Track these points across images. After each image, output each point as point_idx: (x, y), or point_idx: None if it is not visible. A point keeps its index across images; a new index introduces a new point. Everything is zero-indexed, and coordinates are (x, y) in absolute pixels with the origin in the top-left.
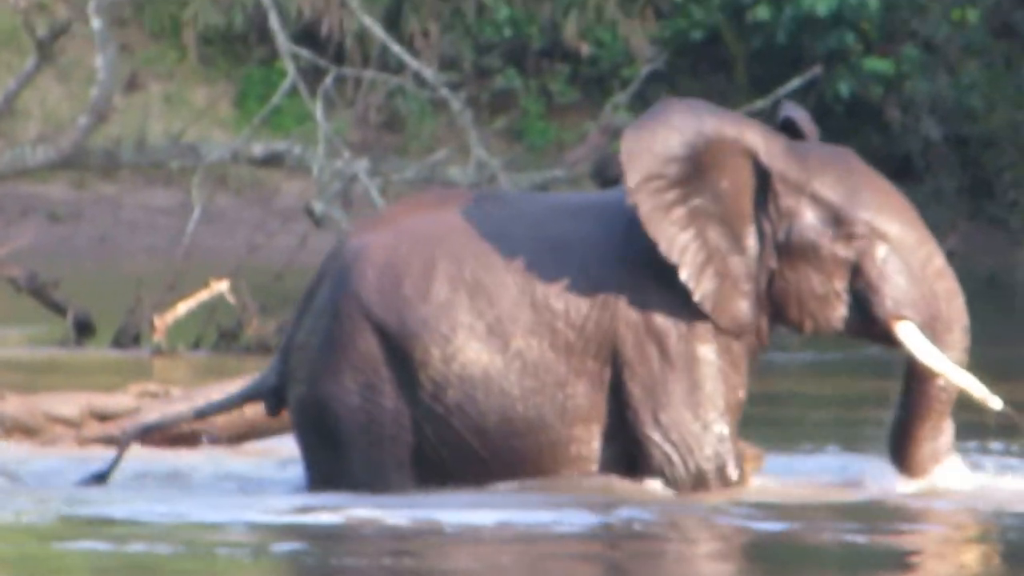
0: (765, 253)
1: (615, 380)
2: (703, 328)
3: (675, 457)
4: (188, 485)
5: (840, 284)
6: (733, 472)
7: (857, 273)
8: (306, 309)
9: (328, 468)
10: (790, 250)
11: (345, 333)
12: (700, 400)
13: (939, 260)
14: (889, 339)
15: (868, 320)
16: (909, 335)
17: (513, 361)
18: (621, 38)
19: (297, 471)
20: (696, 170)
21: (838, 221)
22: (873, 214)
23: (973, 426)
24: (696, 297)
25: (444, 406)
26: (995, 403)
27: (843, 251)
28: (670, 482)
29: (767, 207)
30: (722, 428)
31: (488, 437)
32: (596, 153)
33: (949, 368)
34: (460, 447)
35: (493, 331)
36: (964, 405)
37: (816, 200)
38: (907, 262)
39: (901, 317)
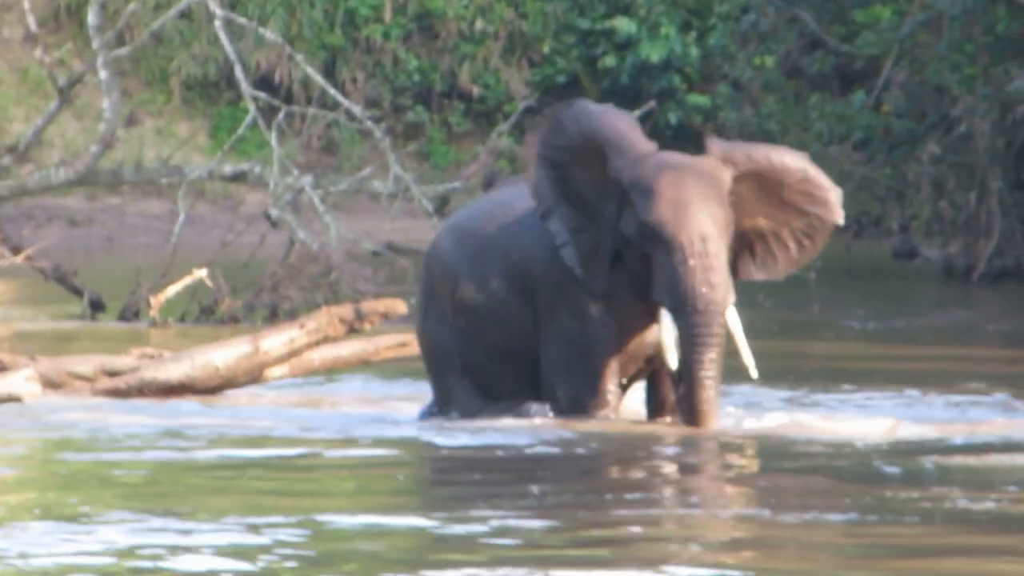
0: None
1: None
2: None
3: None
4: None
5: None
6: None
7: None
8: None
9: (434, 387)
10: (627, 236)
11: (424, 280)
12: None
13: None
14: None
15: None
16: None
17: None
18: (503, 82)
19: None
20: (570, 158)
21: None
22: (669, 217)
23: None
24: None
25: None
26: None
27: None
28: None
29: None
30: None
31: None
32: (486, 169)
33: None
34: (477, 362)
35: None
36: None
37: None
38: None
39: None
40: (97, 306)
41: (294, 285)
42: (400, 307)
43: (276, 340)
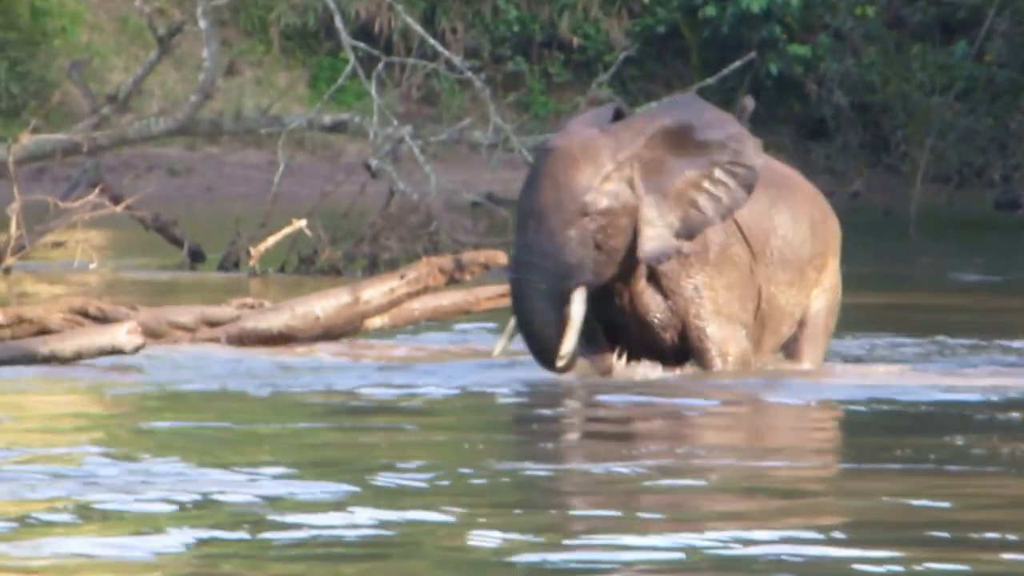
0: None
1: None
2: None
3: None
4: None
5: None
6: None
7: None
8: None
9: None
10: None
11: None
12: None
13: None
14: None
15: None
16: None
17: None
18: (603, 32)
19: None
20: None
21: None
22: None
23: None
24: None
25: None
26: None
27: None
28: None
29: None
30: None
31: None
32: None
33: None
34: None
35: None
36: None
37: None
38: None
39: None
40: (197, 256)
41: (394, 235)
42: (500, 257)
43: (376, 290)
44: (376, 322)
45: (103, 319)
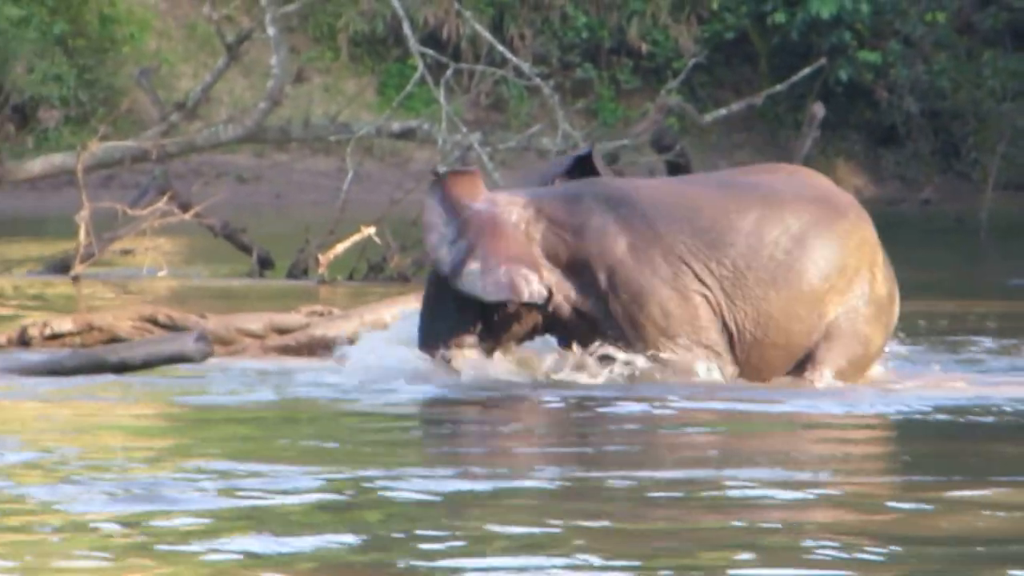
0: None
1: None
2: None
3: None
4: None
5: None
6: None
7: None
8: None
9: None
10: None
11: None
12: None
13: None
14: None
15: None
16: None
17: None
18: (672, 38)
19: None
20: None
21: None
22: None
23: None
24: None
25: None
26: None
27: None
28: None
29: None
30: None
31: None
32: (655, 126)
33: None
34: None
35: None
36: None
37: None
38: None
39: None
40: (266, 263)
41: None
42: None
43: None
44: None
45: (172, 327)
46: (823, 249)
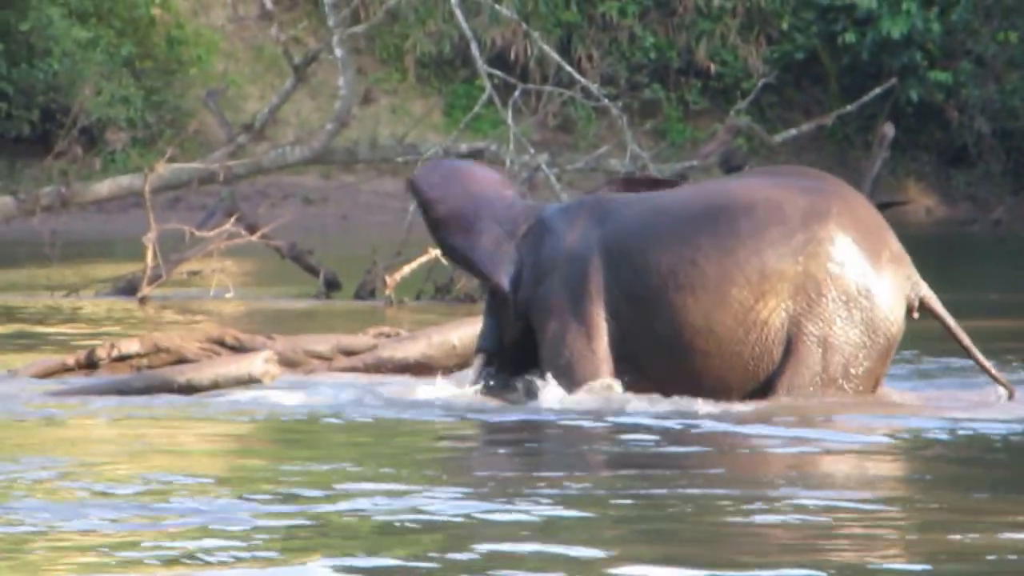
0: None
1: None
2: None
3: None
4: None
5: None
6: None
7: None
8: None
9: None
10: None
11: None
12: None
13: None
14: None
15: None
16: None
17: None
18: (741, 59)
19: None
20: None
21: None
22: None
23: None
24: None
25: None
26: None
27: None
28: None
29: None
30: None
31: None
32: (723, 147)
33: None
34: None
35: None
36: None
37: None
38: None
39: None
40: (333, 285)
41: None
42: None
43: None
44: None
45: (240, 348)
46: (750, 255)
